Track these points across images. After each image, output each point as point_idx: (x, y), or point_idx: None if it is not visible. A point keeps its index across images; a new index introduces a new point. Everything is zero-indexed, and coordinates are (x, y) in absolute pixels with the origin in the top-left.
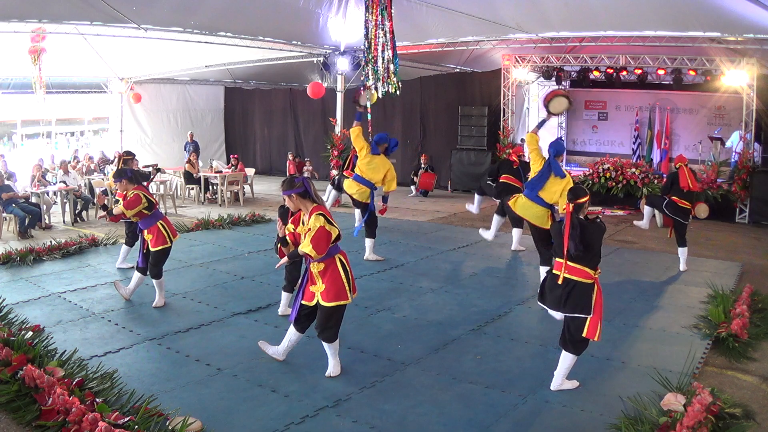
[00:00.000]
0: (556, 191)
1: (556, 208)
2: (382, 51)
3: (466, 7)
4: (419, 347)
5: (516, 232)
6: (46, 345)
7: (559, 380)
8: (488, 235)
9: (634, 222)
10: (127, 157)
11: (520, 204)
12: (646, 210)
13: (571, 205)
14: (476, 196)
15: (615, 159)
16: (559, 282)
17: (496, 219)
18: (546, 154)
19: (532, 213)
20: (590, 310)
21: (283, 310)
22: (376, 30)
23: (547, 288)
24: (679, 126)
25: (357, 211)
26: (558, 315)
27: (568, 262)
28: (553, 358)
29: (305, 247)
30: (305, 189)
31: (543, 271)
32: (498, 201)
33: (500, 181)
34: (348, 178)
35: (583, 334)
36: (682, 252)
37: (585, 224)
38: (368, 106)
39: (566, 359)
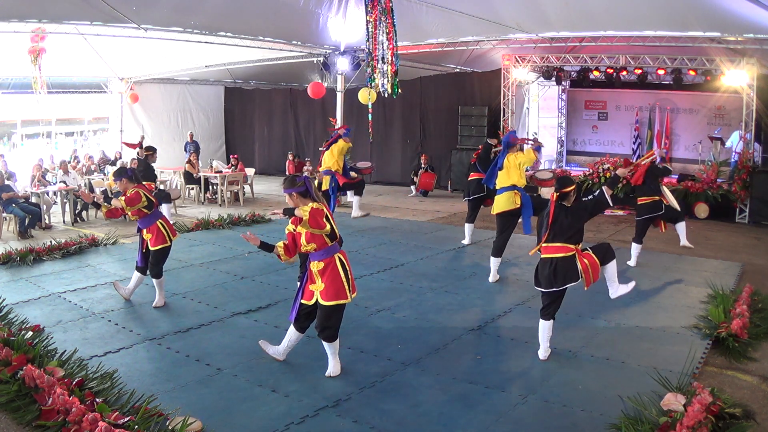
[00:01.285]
0: (503, 177)
1: (519, 187)
2: (382, 51)
3: (466, 7)
4: (419, 347)
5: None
6: (46, 345)
7: (614, 288)
8: (491, 278)
9: (628, 263)
10: (148, 153)
11: (494, 206)
12: (633, 247)
13: (556, 195)
14: (466, 226)
15: (615, 159)
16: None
17: (493, 261)
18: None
19: (501, 204)
20: (578, 276)
21: None
22: (375, 30)
23: (538, 273)
24: (679, 126)
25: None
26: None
27: (547, 243)
28: (553, 358)
29: (303, 211)
30: (306, 188)
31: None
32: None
33: (468, 180)
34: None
35: (585, 289)
36: (680, 227)
37: (568, 209)
38: (370, 106)
39: (608, 268)
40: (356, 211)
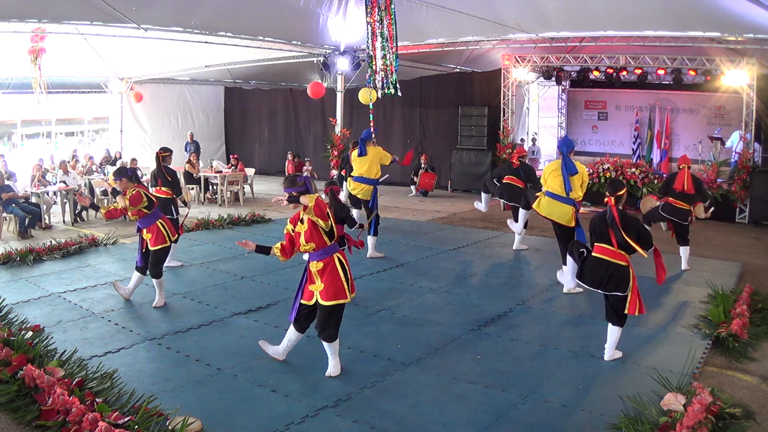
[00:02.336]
0: (574, 186)
1: (578, 205)
2: (382, 50)
3: (466, 7)
4: (419, 347)
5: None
6: (46, 345)
7: (610, 351)
8: (518, 237)
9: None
10: (165, 153)
11: (543, 205)
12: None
13: (612, 198)
14: (483, 195)
15: (615, 159)
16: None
17: (521, 214)
18: (549, 157)
19: (557, 212)
20: (627, 289)
21: None
22: (374, 31)
23: (587, 269)
24: (679, 126)
25: (355, 211)
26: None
27: (614, 248)
28: (553, 358)
29: (310, 199)
30: (306, 188)
31: (565, 269)
32: (502, 200)
33: (503, 182)
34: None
35: (625, 311)
36: (684, 251)
37: (625, 215)
38: (371, 106)
39: (614, 332)
40: (372, 252)
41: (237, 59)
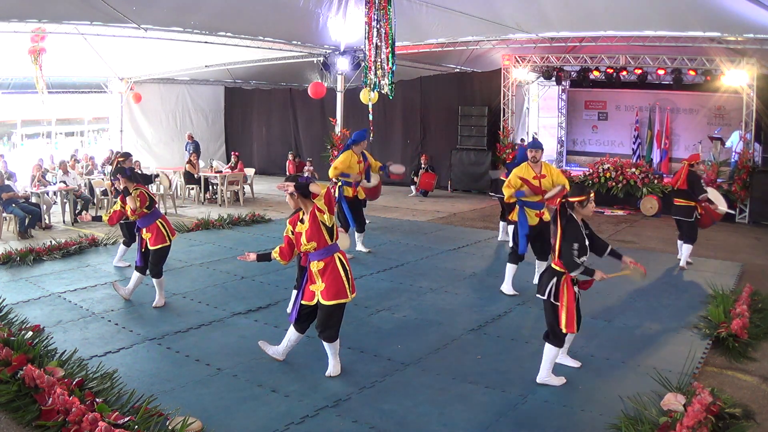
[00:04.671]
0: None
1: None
2: (376, 49)
3: (466, 7)
4: (419, 347)
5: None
6: (46, 345)
7: (543, 373)
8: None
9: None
10: (121, 159)
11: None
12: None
13: (565, 201)
14: (502, 225)
15: (615, 159)
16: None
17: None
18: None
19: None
20: (544, 293)
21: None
22: (371, 30)
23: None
24: (679, 126)
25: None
26: None
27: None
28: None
29: (322, 186)
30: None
31: (537, 265)
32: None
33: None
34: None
35: (561, 327)
36: (687, 248)
37: (569, 221)
38: (370, 106)
39: (548, 351)
40: (360, 246)
41: (237, 59)
